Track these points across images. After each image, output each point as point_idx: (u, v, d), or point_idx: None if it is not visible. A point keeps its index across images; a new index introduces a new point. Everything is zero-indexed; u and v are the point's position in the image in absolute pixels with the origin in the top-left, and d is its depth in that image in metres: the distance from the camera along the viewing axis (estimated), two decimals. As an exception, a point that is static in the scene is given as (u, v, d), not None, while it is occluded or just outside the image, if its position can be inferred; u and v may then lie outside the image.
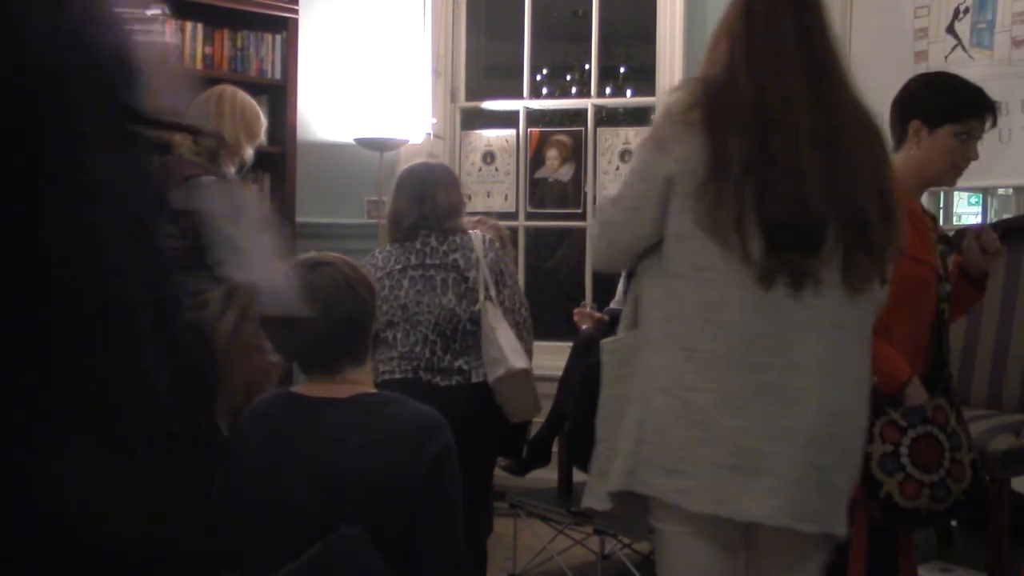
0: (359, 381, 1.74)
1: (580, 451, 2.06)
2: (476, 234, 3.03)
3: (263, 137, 3.38)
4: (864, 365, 1.80)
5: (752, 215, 1.64)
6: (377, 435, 1.65)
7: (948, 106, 2.37)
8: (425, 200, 3.03)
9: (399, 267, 3.00)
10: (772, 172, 1.66)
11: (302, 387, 1.76)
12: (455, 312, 2.92)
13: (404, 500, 1.62)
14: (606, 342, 1.95)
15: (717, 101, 1.69)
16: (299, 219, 4.55)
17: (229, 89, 3.33)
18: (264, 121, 3.37)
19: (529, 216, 5.06)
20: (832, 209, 1.69)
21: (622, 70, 7.77)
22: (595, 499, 1.84)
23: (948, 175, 2.42)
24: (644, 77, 5.83)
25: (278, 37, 4.71)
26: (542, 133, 5.20)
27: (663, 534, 1.79)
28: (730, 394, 1.67)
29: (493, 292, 2.94)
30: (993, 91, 2.51)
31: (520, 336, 2.97)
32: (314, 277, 1.72)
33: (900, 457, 2.08)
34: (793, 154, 1.67)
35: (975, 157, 2.40)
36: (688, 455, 1.67)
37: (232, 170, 3.25)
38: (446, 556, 1.68)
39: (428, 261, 2.99)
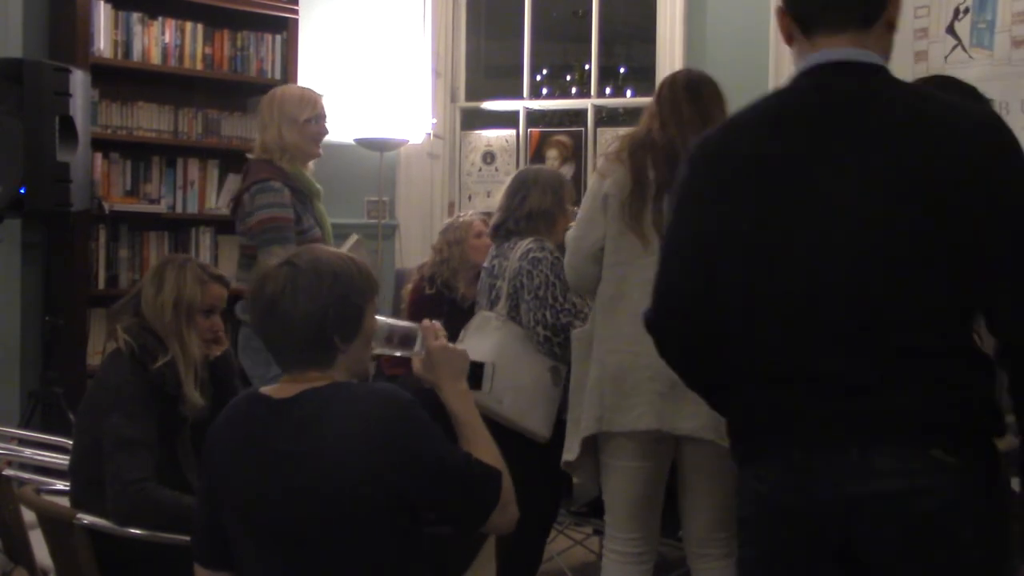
0: (322, 380, 1.70)
1: None
2: (523, 242, 2.88)
3: (319, 108, 3.35)
4: None
5: (663, 219, 2.09)
6: (341, 426, 1.61)
7: None
8: (514, 200, 2.97)
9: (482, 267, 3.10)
10: None
11: (269, 388, 1.73)
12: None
13: (384, 486, 1.60)
14: (574, 332, 2.61)
15: (639, 146, 2.42)
16: (299, 219, 4.54)
17: (267, 96, 3.34)
18: (311, 96, 3.34)
19: (529, 216, 5.05)
20: None
21: (622, 70, 7.77)
22: (569, 453, 2.51)
23: None
24: (644, 77, 5.84)
25: (278, 37, 4.71)
26: (542, 133, 5.21)
27: (612, 467, 2.47)
28: None
29: (502, 304, 2.89)
30: (993, 91, 2.51)
31: (550, 354, 2.80)
32: (270, 274, 1.70)
33: None
34: None
35: None
36: (635, 390, 2.34)
37: (289, 166, 3.26)
38: (464, 494, 1.70)
39: (487, 264, 3.03)
